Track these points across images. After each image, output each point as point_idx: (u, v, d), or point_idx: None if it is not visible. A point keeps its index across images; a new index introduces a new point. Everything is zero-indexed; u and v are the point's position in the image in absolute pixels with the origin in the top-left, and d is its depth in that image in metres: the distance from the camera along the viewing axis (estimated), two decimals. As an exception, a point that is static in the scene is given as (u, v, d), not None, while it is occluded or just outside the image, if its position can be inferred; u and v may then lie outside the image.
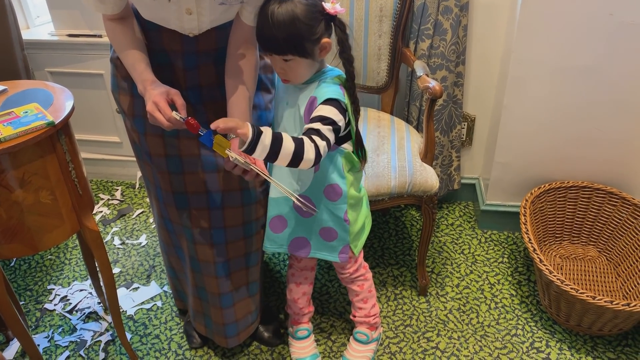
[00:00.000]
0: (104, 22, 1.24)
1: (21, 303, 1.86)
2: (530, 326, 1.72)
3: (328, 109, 1.18)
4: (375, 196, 1.60)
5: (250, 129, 1.06)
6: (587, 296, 1.50)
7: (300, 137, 1.13)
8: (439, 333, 1.71)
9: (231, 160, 1.11)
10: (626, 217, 1.83)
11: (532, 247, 1.66)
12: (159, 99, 1.12)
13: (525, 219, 1.77)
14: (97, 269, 1.66)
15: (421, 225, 1.95)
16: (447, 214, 2.23)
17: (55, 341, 1.73)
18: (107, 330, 1.76)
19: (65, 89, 1.40)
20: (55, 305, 1.85)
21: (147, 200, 2.37)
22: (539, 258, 1.62)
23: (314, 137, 1.13)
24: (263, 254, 1.59)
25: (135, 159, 1.47)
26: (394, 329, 1.72)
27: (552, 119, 1.84)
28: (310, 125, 1.16)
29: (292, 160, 1.11)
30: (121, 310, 1.82)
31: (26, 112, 1.24)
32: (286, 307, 1.64)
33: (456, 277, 1.91)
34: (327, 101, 1.19)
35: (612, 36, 1.66)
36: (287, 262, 1.72)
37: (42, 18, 2.38)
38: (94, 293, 1.89)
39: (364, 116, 1.89)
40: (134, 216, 2.27)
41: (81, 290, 1.92)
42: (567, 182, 1.91)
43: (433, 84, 1.55)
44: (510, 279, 1.90)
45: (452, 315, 1.77)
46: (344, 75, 1.25)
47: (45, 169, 1.24)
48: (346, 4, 1.79)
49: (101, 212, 2.31)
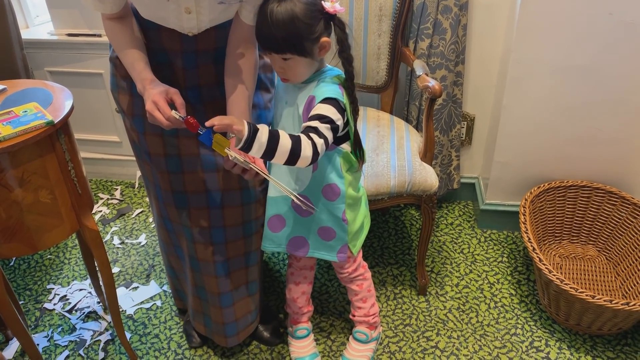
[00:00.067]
0: (103, 22, 1.23)
1: (21, 302, 1.86)
2: (529, 325, 1.72)
3: (326, 108, 1.18)
4: (375, 195, 1.60)
5: (246, 126, 1.06)
6: (587, 295, 1.50)
7: (298, 134, 1.13)
8: (439, 332, 1.71)
9: (230, 159, 1.11)
10: (625, 217, 1.83)
11: (532, 246, 1.66)
12: (158, 98, 1.12)
13: (524, 218, 1.77)
14: (97, 268, 1.66)
15: (421, 224, 1.95)
16: (446, 213, 2.23)
17: (55, 340, 1.73)
18: (106, 330, 1.76)
19: (65, 88, 1.40)
20: (54, 304, 1.85)
21: (147, 199, 2.37)
22: (538, 257, 1.62)
23: (312, 135, 1.13)
24: (262, 253, 1.59)
25: (135, 158, 1.47)
26: (393, 329, 1.72)
27: (551, 118, 1.84)
28: (308, 124, 1.16)
29: (290, 157, 1.11)
30: (121, 310, 1.81)
31: (25, 111, 1.24)
32: (285, 306, 1.64)
33: (456, 277, 1.91)
34: (325, 100, 1.19)
35: (611, 36, 1.66)
36: (287, 261, 1.72)
37: (42, 17, 2.38)
38: (94, 292, 1.89)
39: (363, 115, 1.89)
40: (133, 216, 2.27)
41: (81, 289, 1.92)
42: (567, 182, 1.91)
43: (432, 84, 1.55)
44: (509, 278, 1.90)
45: (451, 314, 1.77)
46: (343, 75, 1.25)
47: (45, 169, 1.24)
48: (346, 3, 1.79)
49: (100, 211, 2.31)
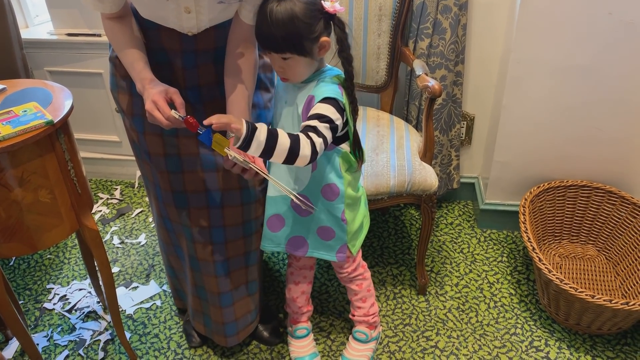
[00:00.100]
0: (102, 21, 1.23)
1: (20, 302, 1.86)
2: (529, 325, 1.72)
3: (325, 107, 1.18)
4: (375, 195, 1.60)
5: (244, 125, 1.06)
6: (586, 295, 1.50)
7: (296, 133, 1.13)
8: (438, 332, 1.71)
9: (230, 158, 1.11)
10: (625, 216, 1.83)
11: (531, 246, 1.66)
12: (157, 98, 1.12)
13: (524, 218, 1.77)
14: (97, 268, 1.66)
15: (420, 224, 1.94)
16: (446, 213, 2.23)
17: (55, 340, 1.73)
18: (106, 330, 1.75)
19: (65, 88, 1.40)
20: (54, 304, 1.85)
21: (147, 199, 2.37)
22: (538, 257, 1.62)
23: (310, 134, 1.13)
24: (262, 253, 1.59)
25: (135, 158, 1.47)
26: (393, 328, 1.72)
27: (551, 118, 1.84)
28: (307, 123, 1.16)
29: (288, 156, 1.11)
30: (120, 310, 1.81)
31: (25, 111, 1.24)
32: (285, 306, 1.64)
33: (455, 276, 1.91)
34: (324, 100, 1.19)
35: (611, 35, 1.66)
36: (287, 261, 1.72)
37: (41, 17, 2.38)
38: (93, 292, 1.89)
39: (363, 115, 1.89)
40: (133, 215, 2.27)
41: (80, 289, 1.92)
42: (566, 181, 1.91)
43: (432, 83, 1.55)
44: (509, 278, 1.90)
45: (451, 314, 1.77)
46: (342, 75, 1.25)
47: (44, 168, 1.24)
48: (345, 3, 1.79)
49: (100, 211, 2.31)
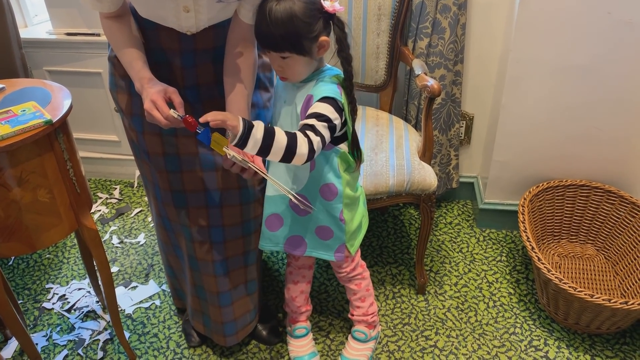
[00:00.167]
0: (101, 21, 1.23)
1: (19, 302, 1.86)
2: (528, 324, 1.72)
3: (324, 107, 1.18)
4: (374, 195, 1.60)
5: (241, 122, 1.06)
6: (585, 294, 1.50)
7: (294, 132, 1.13)
8: (438, 331, 1.71)
9: (229, 158, 1.11)
10: (624, 216, 1.83)
11: (531, 245, 1.66)
12: (156, 97, 1.12)
13: (523, 217, 1.77)
14: (96, 267, 1.66)
15: (419, 223, 1.95)
16: (445, 212, 2.23)
17: (54, 340, 1.72)
18: (105, 329, 1.75)
19: (63, 87, 1.40)
20: (53, 304, 1.85)
21: (146, 199, 2.36)
22: (537, 256, 1.62)
23: (308, 132, 1.13)
24: (261, 252, 1.59)
25: (134, 157, 1.47)
26: (392, 328, 1.73)
27: (550, 117, 1.84)
28: (305, 121, 1.16)
29: (285, 154, 1.11)
30: (119, 309, 1.81)
31: (24, 110, 1.24)
32: (284, 305, 1.64)
33: (454, 276, 1.91)
34: (323, 99, 1.19)
35: (610, 35, 1.66)
36: (286, 260, 1.72)
37: (40, 17, 2.37)
38: (92, 292, 1.89)
39: (362, 115, 1.89)
40: (132, 215, 2.27)
41: (79, 289, 1.91)
42: (566, 181, 1.91)
43: (431, 83, 1.55)
44: (508, 277, 1.91)
45: (450, 313, 1.77)
46: (342, 74, 1.24)
47: (43, 168, 1.24)
48: (345, 3, 1.79)
49: (99, 210, 2.31)
